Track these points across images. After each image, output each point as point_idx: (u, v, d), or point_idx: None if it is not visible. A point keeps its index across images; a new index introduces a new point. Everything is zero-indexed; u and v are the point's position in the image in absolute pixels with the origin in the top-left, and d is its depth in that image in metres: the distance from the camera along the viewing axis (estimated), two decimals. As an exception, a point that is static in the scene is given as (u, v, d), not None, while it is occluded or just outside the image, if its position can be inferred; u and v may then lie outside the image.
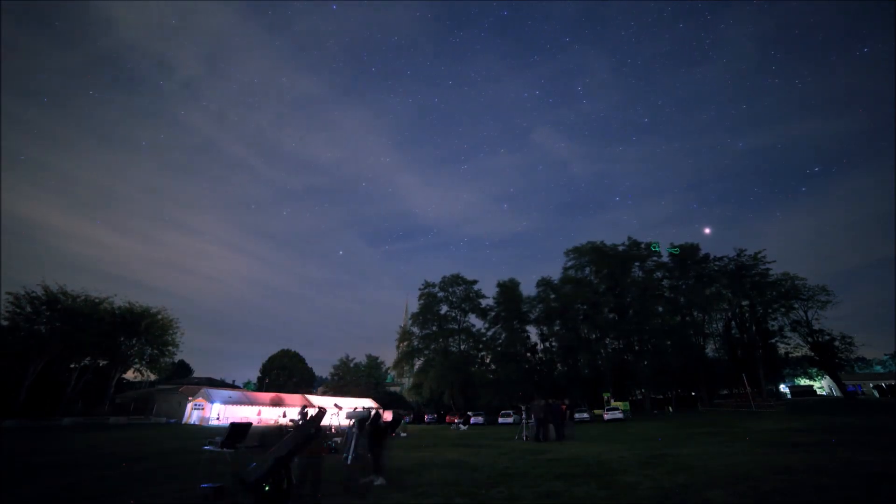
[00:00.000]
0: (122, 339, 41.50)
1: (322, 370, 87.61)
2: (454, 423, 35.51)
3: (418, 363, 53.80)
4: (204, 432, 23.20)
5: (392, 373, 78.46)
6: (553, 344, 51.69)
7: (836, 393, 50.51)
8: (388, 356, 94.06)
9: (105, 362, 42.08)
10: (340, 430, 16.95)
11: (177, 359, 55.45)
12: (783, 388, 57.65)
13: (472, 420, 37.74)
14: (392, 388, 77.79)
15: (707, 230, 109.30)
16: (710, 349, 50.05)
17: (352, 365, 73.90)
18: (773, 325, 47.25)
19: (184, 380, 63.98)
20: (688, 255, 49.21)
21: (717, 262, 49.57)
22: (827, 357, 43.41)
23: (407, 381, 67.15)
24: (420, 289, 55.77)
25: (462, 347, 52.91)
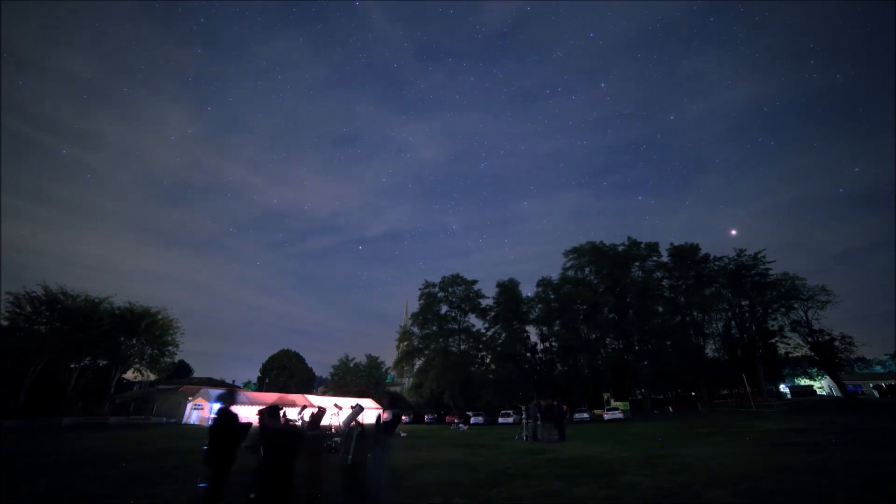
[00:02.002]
0: (122, 339, 41.49)
1: (322, 370, 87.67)
2: (454, 423, 35.51)
3: (418, 363, 53.80)
4: (204, 432, 23.17)
5: (392, 373, 78.42)
6: (553, 344, 51.66)
7: (836, 393, 50.51)
8: (388, 356, 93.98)
9: (105, 362, 42.07)
10: (340, 431, 16.93)
11: (177, 359, 55.43)
12: (783, 388, 57.62)
13: (472, 420, 37.73)
14: (392, 388, 77.78)
15: (733, 231, 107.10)
16: (710, 349, 50.01)
17: (352, 365, 73.89)
18: (772, 325, 47.22)
19: (184, 380, 63.93)
20: (688, 255, 49.23)
21: (716, 262, 49.60)
22: (827, 357, 43.38)
23: (407, 381, 67.12)
24: (420, 289, 55.87)
25: (462, 347, 52.91)
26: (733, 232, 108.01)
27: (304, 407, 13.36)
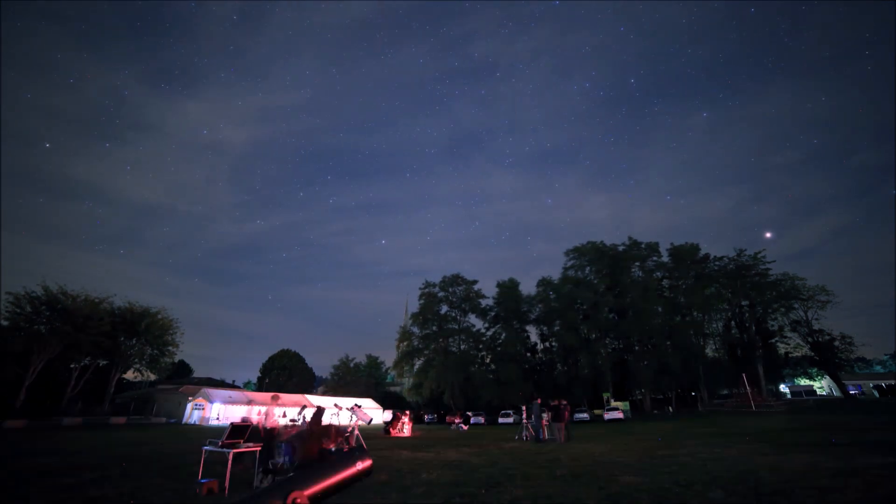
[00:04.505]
0: (122, 339, 41.50)
1: (322, 370, 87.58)
2: (454, 423, 35.51)
3: (418, 363, 53.83)
4: (204, 432, 23.20)
5: (392, 373, 78.49)
6: (553, 344, 51.72)
7: (836, 393, 50.52)
8: (389, 356, 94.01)
9: (105, 362, 42.07)
10: (340, 430, 16.92)
11: (177, 359, 55.46)
12: (783, 388, 57.64)
13: (472, 420, 37.75)
14: (392, 388, 77.83)
15: (768, 234, 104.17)
16: (710, 349, 50.08)
17: (352, 365, 73.94)
18: (772, 325, 47.31)
19: (184, 380, 63.97)
20: (687, 255, 49.25)
21: (716, 262, 49.67)
22: (827, 357, 43.43)
23: (407, 381, 67.18)
24: (420, 288, 55.89)
25: (462, 347, 52.92)
26: (768, 234, 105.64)
27: (303, 407, 13.37)
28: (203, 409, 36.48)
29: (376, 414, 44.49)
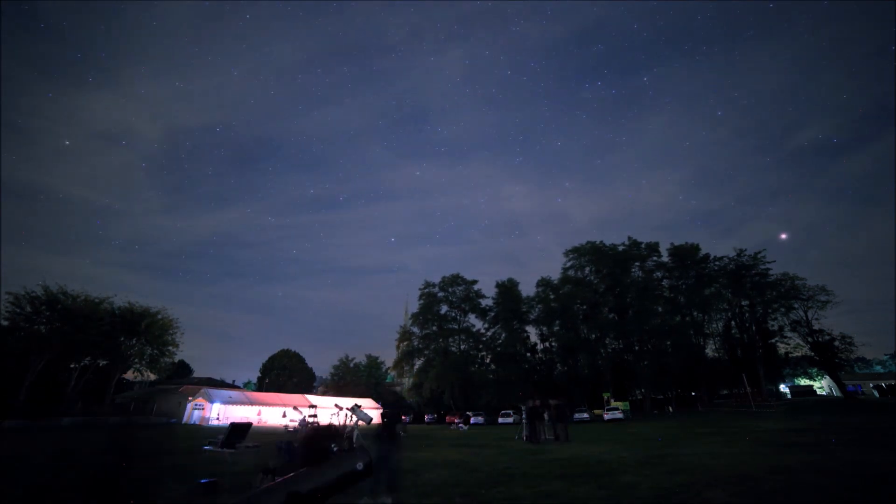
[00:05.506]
0: (122, 339, 41.47)
1: (322, 370, 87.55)
2: (454, 423, 35.49)
3: (418, 363, 53.82)
4: (204, 432, 23.19)
5: (392, 373, 78.43)
6: (553, 344, 51.68)
7: (836, 393, 50.46)
8: (388, 356, 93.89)
9: (105, 362, 42.05)
10: (340, 430, 16.92)
11: (177, 359, 55.42)
12: (783, 388, 57.62)
13: (472, 420, 37.72)
14: (392, 389, 77.77)
15: (783, 235, 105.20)
16: (710, 349, 50.08)
17: (352, 365, 73.91)
18: (772, 325, 47.23)
19: (184, 380, 63.90)
20: (688, 255, 49.23)
21: (716, 262, 49.64)
22: (827, 357, 43.38)
23: (407, 381, 67.12)
24: (420, 289, 55.89)
25: (462, 347, 52.92)
26: (783, 236, 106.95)
27: (313, 407, 13.36)
28: (203, 409, 36.48)
29: (376, 414, 44.44)
